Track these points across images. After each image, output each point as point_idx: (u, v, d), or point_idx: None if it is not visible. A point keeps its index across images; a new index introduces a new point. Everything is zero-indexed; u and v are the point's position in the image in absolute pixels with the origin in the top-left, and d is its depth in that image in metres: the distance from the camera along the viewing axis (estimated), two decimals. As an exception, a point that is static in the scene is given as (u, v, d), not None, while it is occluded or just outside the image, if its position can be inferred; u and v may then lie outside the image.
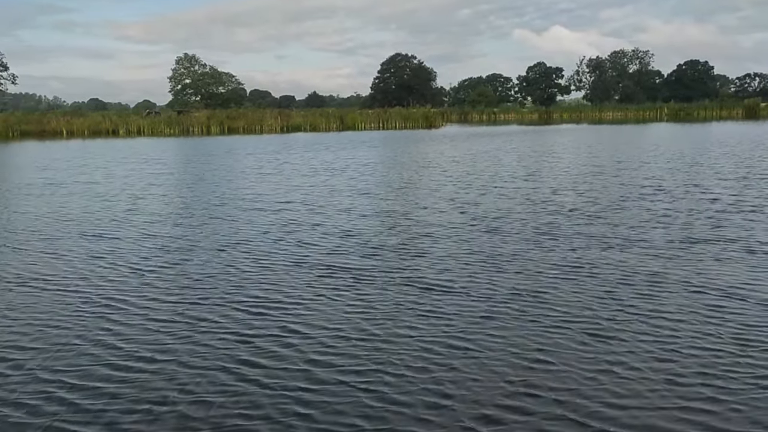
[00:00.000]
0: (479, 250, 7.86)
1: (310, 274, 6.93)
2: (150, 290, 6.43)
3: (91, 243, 8.76)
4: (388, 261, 7.44)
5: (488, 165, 19.20)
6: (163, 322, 5.44)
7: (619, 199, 11.77)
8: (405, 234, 9.05)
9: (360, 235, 8.93)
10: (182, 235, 9.30)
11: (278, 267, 7.27)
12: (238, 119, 55.17)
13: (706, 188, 12.87)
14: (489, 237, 8.68)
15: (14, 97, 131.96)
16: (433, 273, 6.85)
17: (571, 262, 7.21)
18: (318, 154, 25.18)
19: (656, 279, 6.44)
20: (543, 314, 5.43)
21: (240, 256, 7.87)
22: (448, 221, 9.91)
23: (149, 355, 4.68)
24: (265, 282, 6.66)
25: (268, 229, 9.53)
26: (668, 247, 7.80)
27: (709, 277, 6.50)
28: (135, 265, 7.45)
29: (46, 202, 12.84)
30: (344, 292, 6.20)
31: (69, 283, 6.75)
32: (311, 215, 10.69)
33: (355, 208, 11.44)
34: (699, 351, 4.59)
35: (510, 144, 29.90)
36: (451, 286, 6.35)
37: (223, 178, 16.96)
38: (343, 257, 7.65)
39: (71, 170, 19.43)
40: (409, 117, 62.30)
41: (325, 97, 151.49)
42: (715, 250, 7.59)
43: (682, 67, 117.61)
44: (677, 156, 20.67)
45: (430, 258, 7.56)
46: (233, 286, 6.53)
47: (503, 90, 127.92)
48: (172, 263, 7.54)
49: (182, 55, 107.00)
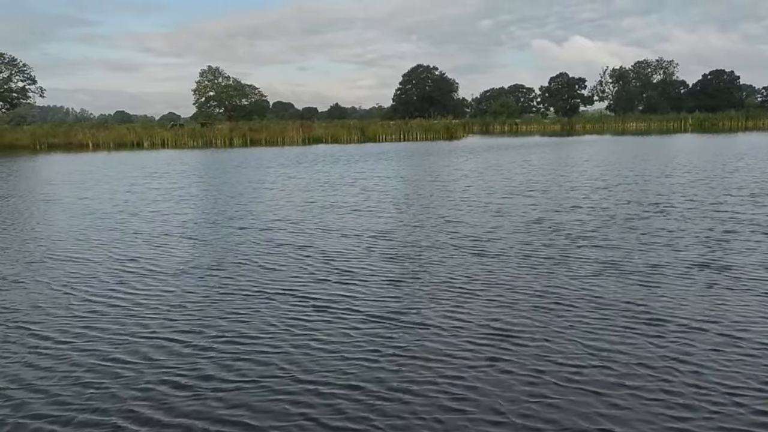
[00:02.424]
0: (466, 275, 7.93)
1: (282, 304, 7.02)
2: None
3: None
4: (358, 289, 7.53)
5: (498, 180, 19.11)
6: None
7: (633, 216, 11.81)
8: (377, 258, 9.00)
9: (338, 259, 8.92)
10: (146, 257, 9.37)
11: (237, 295, 7.39)
12: (260, 131, 55.81)
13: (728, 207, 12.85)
14: (478, 260, 8.66)
15: (42, 109, 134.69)
16: (409, 303, 6.93)
17: (573, 290, 7.30)
18: (328, 167, 25.32)
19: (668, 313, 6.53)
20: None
21: (197, 282, 7.99)
22: (436, 242, 9.87)
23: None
24: (228, 310, 6.80)
25: (245, 251, 9.54)
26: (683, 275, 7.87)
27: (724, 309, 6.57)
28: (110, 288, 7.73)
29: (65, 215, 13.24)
30: (311, 318, 6.36)
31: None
32: (293, 235, 10.55)
33: (344, 227, 11.28)
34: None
35: (527, 156, 29.87)
36: (430, 319, 6.48)
37: (223, 193, 17.09)
38: (304, 284, 7.76)
39: (76, 184, 19.87)
40: (430, 128, 62.52)
41: (347, 108, 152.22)
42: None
43: (707, 76, 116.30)
44: (700, 168, 20.57)
45: (409, 287, 7.59)
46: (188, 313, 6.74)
47: (525, 101, 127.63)
48: (135, 288, 7.71)
49: (206, 68, 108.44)
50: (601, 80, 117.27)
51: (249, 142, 53.02)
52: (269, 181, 19.81)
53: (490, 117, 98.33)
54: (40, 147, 49.81)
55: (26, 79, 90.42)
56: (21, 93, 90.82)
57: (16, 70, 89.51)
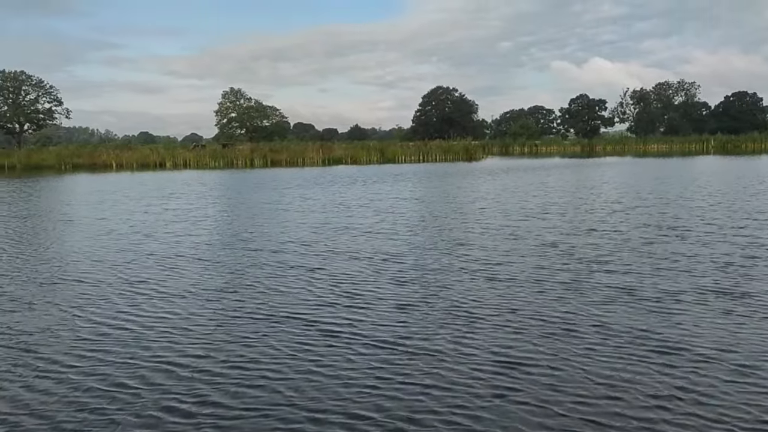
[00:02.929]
0: (475, 300, 7.82)
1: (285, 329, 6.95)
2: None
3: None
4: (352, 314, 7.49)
5: (514, 202, 18.95)
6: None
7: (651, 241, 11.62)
8: (387, 281, 8.90)
9: (347, 283, 8.88)
10: (156, 278, 9.40)
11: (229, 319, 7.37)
12: (280, 152, 56.37)
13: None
14: (488, 285, 8.55)
15: (68, 130, 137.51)
16: (416, 329, 6.84)
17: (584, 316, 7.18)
18: (344, 188, 25.37)
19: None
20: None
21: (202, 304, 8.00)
22: (447, 266, 9.77)
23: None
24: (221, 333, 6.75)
25: (254, 274, 9.58)
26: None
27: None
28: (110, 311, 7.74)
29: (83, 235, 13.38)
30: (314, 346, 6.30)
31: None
32: (304, 257, 10.59)
33: (356, 249, 11.25)
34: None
35: (545, 178, 29.67)
36: (421, 347, 6.39)
37: (237, 214, 17.18)
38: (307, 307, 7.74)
39: (94, 205, 20.10)
40: (450, 150, 62.61)
41: (367, 129, 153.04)
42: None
43: (730, 98, 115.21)
44: (720, 191, 20.24)
45: (417, 312, 7.50)
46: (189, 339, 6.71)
47: (545, 122, 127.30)
48: (143, 310, 7.73)
49: (228, 90, 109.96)
50: (622, 102, 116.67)
51: (269, 162, 53.52)
52: (284, 202, 19.88)
53: (509, 138, 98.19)
54: (65, 167, 50.71)
55: (53, 101, 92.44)
56: (47, 114, 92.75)
57: (43, 92, 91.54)
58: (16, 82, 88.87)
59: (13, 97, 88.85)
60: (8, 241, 12.91)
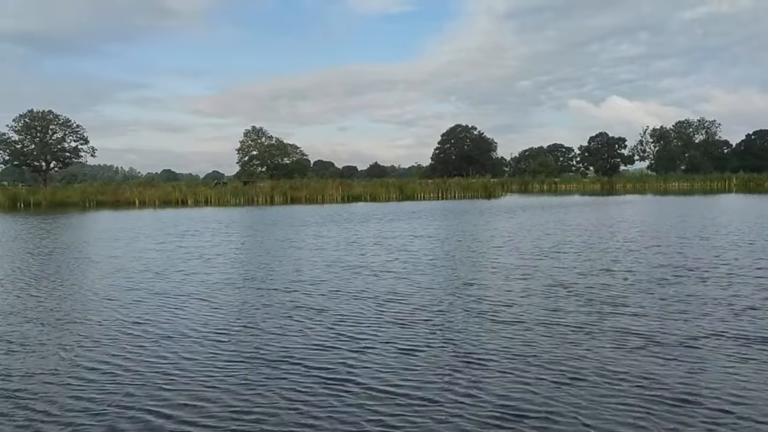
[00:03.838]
0: (480, 344, 7.60)
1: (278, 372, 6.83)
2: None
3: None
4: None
5: (528, 241, 18.64)
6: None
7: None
8: (390, 324, 8.71)
9: (350, 324, 8.75)
10: (158, 320, 9.32)
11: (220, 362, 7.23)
12: (300, 189, 56.71)
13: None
14: (494, 328, 8.30)
15: (93, 168, 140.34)
16: (416, 374, 6.64)
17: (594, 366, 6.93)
18: (359, 225, 25.25)
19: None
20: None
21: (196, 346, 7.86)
22: (454, 307, 9.55)
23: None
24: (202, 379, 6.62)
25: (256, 315, 9.43)
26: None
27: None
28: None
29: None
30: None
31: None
32: (309, 298, 10.47)
33: (362, 289, 11.11)
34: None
35: (563, 216, 29.25)
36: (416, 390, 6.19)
37: (248, 253, 17.13)
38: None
39: (110, 242, 20.20)
40: (469, 187, 62.67)
41: (387, 167, 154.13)
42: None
43: (751, 136, 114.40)
44: (741, 231, 19.77)
45: (419, 356, 7.28)
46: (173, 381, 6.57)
47: (564, 160, 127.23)
48: (138, 353, 7.62)
49: (250, 128, 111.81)
50: (642, 140, 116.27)
51: (289, 199, 53.84)
52: (298, 240, 19.82)
53: (529, 176, 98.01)
54: (89, 204, 51.43)
55: (79, 139, 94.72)
56: (74, 153, 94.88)
57: (70, 131, 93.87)
58: (44, 121, 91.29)
59: (41, 135, 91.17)
60: (15, 278, 12.94)
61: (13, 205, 50.04)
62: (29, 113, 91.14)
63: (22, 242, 20.84)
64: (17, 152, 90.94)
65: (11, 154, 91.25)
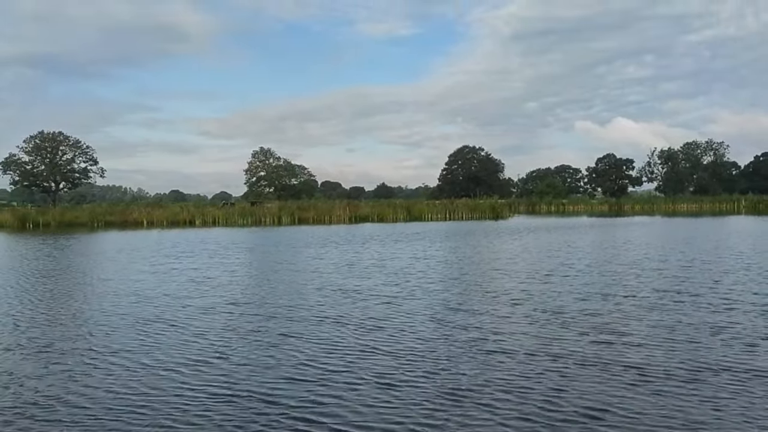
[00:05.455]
0: (462, 374, 7.27)
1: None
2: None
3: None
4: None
5: (529, 263, 18.23)
6: None
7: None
8: (374, 353, 8.39)
9: (334, 356, 8.45)
10: (136, 347, 9.06)
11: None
12: (308, 210, 56.57)
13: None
14: (478, 358, 7.99)
15: (101, 189, 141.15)
16: (397, 410, 6.33)
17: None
18: (361, 247, 24.89)
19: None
20: None
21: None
22: (438, 335, 9.23)
23: None
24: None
25: (237, 344, 9.17)
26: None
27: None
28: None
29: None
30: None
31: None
32: (296, 324, 10.22)
33: (350, 316, 10.84)
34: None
35: (568, 237, 28.75)
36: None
37: (242, 276, 16.87)
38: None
39: (108, 263, 20.00)
40: (476, 208, 62.33)
41: (394, 188, 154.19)
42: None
43: (760, 158, 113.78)
44: (748, 254, 19.32)
45: (399, 389, 7.00)
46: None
47: (572, 181, 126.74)
48: (107, 383, 7.36)
49: (258, 149, 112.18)
50: (650, 161, 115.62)
51: (297, 220, 53.69)
52: (297, 262, 19.56)
53: (536, 197, 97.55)
54: (98, 225, 51.42)
55: (88, 160, 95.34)
56: (83, 173, 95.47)
57: (80, 152, 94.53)
58: (54, 142, 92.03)
59: (51, 156, 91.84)
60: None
61: (22, 226, 50.13)
62: (39, 134, 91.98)
63: (19, 262, 20.69)
64: (27, 173, 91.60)
65: (21, 174, 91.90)
